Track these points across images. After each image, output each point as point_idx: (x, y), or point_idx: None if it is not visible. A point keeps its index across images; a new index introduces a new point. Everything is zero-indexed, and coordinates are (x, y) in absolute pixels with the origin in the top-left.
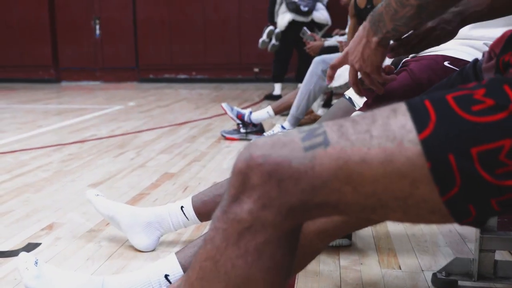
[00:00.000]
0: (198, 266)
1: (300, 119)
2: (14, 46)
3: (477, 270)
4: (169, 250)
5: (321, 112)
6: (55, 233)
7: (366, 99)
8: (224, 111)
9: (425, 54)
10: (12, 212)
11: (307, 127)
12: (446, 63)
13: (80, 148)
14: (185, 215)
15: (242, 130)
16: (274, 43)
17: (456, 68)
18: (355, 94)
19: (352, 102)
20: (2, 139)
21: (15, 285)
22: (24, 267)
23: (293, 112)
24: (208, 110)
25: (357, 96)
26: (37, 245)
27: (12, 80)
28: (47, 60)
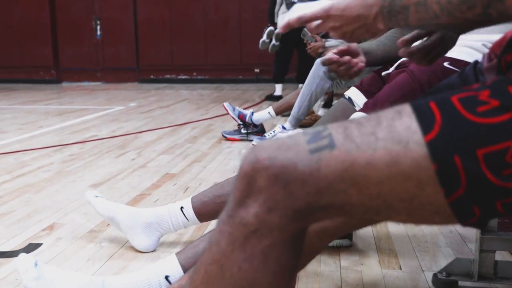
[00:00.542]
0: (203, 270)
1: (301, 120)
2: (15, 47)
3: (477, 270)
4: (169, 251)
5: (321, 112)
6: (56, 233)
7: (367, 99)
8: (226, 110)
9: None
10: (13, 212)
11: (311, 130)
12: (446, 64)
13: (81, 149)
14: (184, 215)
15: (243, 131)
16: (274, 43)
17: (455, 69)
18: (355, 94)
19: (352, 102)
20: (3, 140)
21: (16, 285)
22: (23, 268)
23: (294, 113)
24: (209, 110)
25: (357, 96)
26: (38, 245)
27: (13, 80)
28: (48, 60)
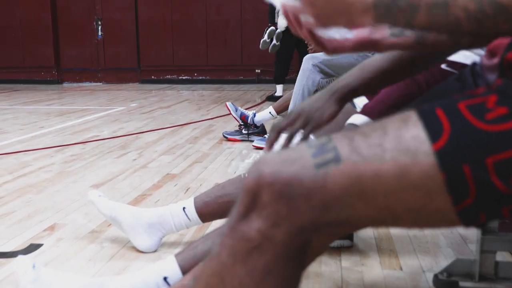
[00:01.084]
0: (204, 281)
1: None
2: (17, 48)
3: (478, 271)
4: (171, 251)
5: None
6: (57, 234)
7: (367, 100)
8: (228, 110)
9: None
10: (14, 213)
11: (316, 141)
12: (443, 66)
13: (82, 149)
14: (187, 216)
15: (244, 131)
16: (275, 43)
17: (452, 70)
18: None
19: (352, 104)
20: (4, 140)
21: (17, 286)
22: (21, 271)
23: (290, 110)
24: (210, 111)
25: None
26: (39, 246)
27: (14, 81)
28: (49, 61)
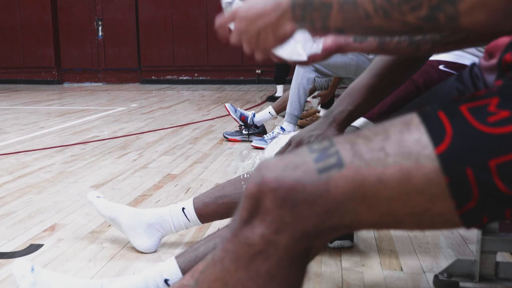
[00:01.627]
0: (207, 287)
1: (297, 116)
2: (17, 48)
3: (478, 271)
4: (171, 252)
5: (322, 113)
6: (57, 234)
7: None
8: (227, 111)
9: None
10: (15, 213)
11: (318, 146)
12: (441, 67)
13: (82, 150)
14: (186, 216)
15: (244, 132)
16: None
17: (451, 71)
18: None
19: None
20: (4, 140)
21: (17, 286)
22: (20, 274)
23: (288, 110)
24: (210, 111)
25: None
26: (39, 246)
27: (14, 81)
28: (49, 61)
